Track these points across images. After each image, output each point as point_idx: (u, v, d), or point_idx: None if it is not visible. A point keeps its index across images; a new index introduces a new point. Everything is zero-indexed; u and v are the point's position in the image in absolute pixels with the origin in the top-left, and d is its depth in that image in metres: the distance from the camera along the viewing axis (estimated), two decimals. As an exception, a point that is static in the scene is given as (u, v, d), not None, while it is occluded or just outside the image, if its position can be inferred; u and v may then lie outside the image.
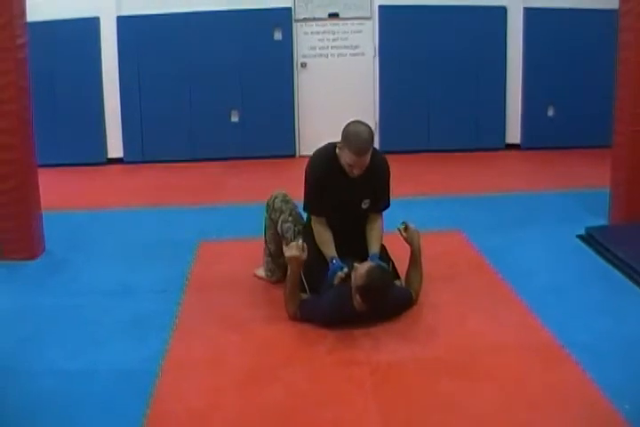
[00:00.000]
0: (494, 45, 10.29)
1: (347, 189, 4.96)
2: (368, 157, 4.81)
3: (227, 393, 4.04)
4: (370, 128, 4.86)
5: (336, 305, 4.70)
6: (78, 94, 9.91)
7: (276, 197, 5.41)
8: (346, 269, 4.82)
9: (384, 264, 4.89)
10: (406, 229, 5.24)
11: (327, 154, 4.99)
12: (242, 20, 9.97)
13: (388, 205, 5.23)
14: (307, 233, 5.20)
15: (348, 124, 4.87)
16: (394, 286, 4.84)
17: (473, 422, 3.70)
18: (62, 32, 9.70)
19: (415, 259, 5.22)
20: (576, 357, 4.27)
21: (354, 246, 5.08)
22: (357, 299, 4.59)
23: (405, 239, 5.24)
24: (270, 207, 5.41)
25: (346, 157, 4.79)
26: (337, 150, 4.89)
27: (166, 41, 9.97)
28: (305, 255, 4.87)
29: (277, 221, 5.35)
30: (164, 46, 9.98)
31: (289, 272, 4.94)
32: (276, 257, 5.53)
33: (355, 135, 4.75)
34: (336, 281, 4.82)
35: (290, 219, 5.32)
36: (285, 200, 5.39)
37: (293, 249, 4.88)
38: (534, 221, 6.93)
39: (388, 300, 4.70)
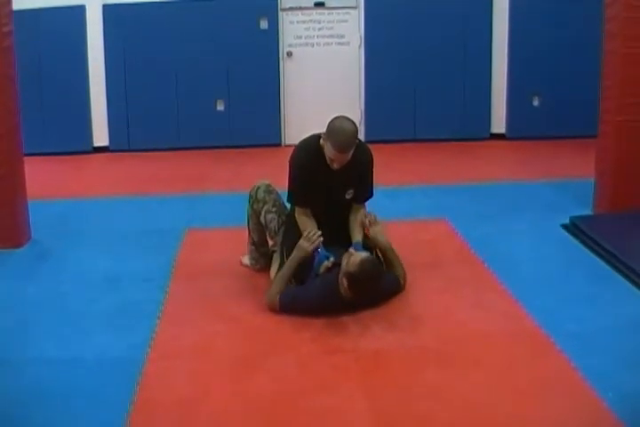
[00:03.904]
0: (480, 35, 10.29)
1: (331, 180, 4.96)
2: (349, 155, 4.81)
3: (213, 381, 4.06)
4: (355, 125, 4.86)
5: (323, 292, 4.72)
6: (64, 83, 9.87)
7: (258, 188, 5.40)
8: (332, 259, 4.84)
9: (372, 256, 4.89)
10: (371, 224, 5.15)
11: (311, 144, 4.99)
12: (228, 9, 9.95)
13: (370, 196, 5.25)
14: (290, 223, 5.21)
15: (335, 118, 4.86)
16: (383, 278, 4.82)
17: (459, 410, 3.72)
18: (48, 20, 9.65)
19: (389, 257, 5.16)
20: (561, 345, 4.29)
21: (338, 236, 5.09)
22: (344, 284, 4.60)
23: (371, 239, 5.14)
24: (253, 198, 5.40)
25: (327, 151, 4.81)
26: (321, 141, 4.88)
27: (152, 29, 9.94)
28: (311, 249, 4.88)
29: (260, 212, 5.35)
30: (150, 35, 9.95)
31: (291, 257, 4.95)
32: (259, 246, 5.54)
33: (339, 131, 4.75)
34: (322, 270, 4.84)
35: (273, 209, 5.33)
36: (268, 190, 5.38)
37: (307, 243, 4.89)
38: (519, 211, 6.96)
39: (377, 291, 4.73)
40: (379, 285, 4.69)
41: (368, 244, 5.08)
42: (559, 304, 4.92)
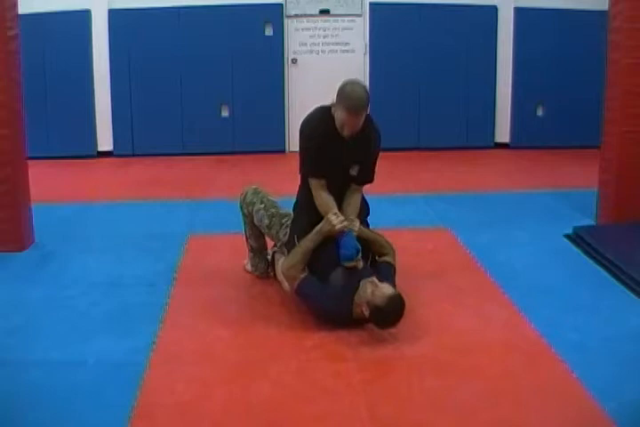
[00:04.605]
0: (485, 44, 10.33)
1: (338, 152, 4.83)
2: (362, 118, 4.72)
3: (214, 386, 4.05)
4: (366, 89, 4.79)
5: (337, 308, 4.63)
6: (69, 87, 9.91)
7: (246, 193, 5.44)
8: (360, 256, 4.74)
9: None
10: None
11: (322, 114, 4.89)
12: (233, 15, 9.99)
13: (371, 180, 5.08)
14: (298, 213, 5.11)
15: (345, 82, 4.80)
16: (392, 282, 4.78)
17: (459, 419, 3.71)
18: (54, 24, 9.71)
19: (375, 239, 5.03)
20: (562, 355, 4.29)
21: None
22: (365, 311, 4.51)
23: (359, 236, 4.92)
24: (242, 203, 5.43)
25: (340, 115, 4.70)
26: (332, 109, 4.79)
27: (157, 35, 9.98)
28: (339, 227, 4.69)
29: (252, 214, 5.36)
30: (155, 40, 9.98)
31: (316, 229, 4.79)
32: (258, 252, 5.53)
33: (350, 93, 4.68)
34: (348, 264, 4.72)
35: (262, 206, 5.31)
36: (255, 192, 5.40)
37: (336, 221, 4.72)
38: (522, 220, 6.96)
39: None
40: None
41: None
42: (561, 314, 4.91)
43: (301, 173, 5.05)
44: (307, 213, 4.99)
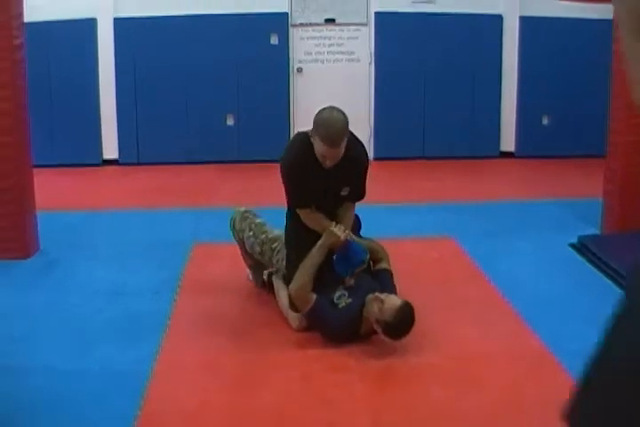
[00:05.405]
0: (490, 53, 10.32)
1: (325, 178, 4.66)
2: (342, 149, 4.49)
3: (217, 395, 4.05)
4: (345, 116, 4.54)
5: (346, 326, 4.58)
6: (74, 95, 9.91)
7: (234, 220, 5.43)
8: (368, 257, 4.76)
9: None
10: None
11: (301, 142, 4.72)
12: (238, 24, 9.99)
13: (362, 197, 4.96)
14: (290, 238, 5.01)
15: (321, 110, 4.59)
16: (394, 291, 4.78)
17: (463, 429, 3.72)
18: (59, 33, 9.71)
19: (370, 247, 4.98)
20: (566, 365, 4.27)
21: None
22: (377, 329, 4.46)
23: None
24: (233, 230, 5.44)
25: (318, 147, 4.50)
26: (311, 138, 4.59)
27: (163, 43, 9.98)
28: (344, 237, 4.62)
29: (243, 240, 5.36)
30: (161, 49, 9.99)
31: (320, 244, 4.71)
32: (256, 268, 5.53)
33: (327, 124, 4.46)
34: (356, 270, 4.71)
35: (250, 234, 5.30)
36: (243, 217, 5.39)
37: (339, 232, 4.63)
38: (527, 230, 6.96)
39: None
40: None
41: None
42: (565, 324, 4.90)
43: (288, 204, 4.95)
44: (301, 253, 4.78)
